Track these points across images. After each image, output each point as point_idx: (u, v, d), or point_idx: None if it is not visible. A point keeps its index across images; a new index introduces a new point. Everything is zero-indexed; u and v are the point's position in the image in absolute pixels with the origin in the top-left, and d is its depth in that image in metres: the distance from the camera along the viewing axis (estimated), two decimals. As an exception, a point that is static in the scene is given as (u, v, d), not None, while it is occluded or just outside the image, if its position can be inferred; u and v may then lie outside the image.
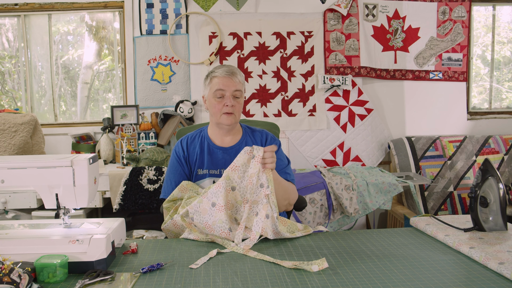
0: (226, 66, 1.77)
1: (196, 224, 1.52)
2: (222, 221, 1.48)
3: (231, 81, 1.73)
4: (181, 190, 1.67)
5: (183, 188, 1.68)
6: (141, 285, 1.15)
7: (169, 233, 1.65)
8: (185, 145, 1.83)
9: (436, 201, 3.40)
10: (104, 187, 2.88)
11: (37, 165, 1.35)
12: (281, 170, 1.78)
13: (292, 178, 1.82)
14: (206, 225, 1.50)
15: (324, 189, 2.94)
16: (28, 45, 3.61)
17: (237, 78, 1.75)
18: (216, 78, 1.75)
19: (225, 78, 1.73)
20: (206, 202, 1.51)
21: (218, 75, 1.74)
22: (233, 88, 1.73)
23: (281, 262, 1.27)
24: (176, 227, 1.61)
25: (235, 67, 1.79)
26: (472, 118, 3.78)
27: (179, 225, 1.59)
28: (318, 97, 3.58)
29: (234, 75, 1.74)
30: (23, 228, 1.41)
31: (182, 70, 3.54)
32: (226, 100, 1.72)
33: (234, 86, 1.73)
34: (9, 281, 1.04)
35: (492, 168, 1.47)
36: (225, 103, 1.72)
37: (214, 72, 1.76)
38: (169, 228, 1.63)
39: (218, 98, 1.74)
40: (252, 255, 1.35)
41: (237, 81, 1.74)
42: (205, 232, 1.51)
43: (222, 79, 1.73)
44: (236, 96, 1.75)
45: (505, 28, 3.95)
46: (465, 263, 1.25)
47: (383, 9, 3.62)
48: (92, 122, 3.64)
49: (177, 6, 3.50)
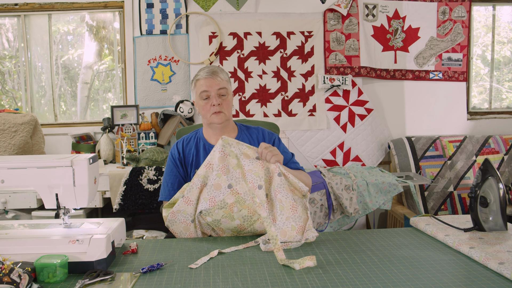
0: (207, 67, 1.80)
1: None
2: (186, 212, 1.59)
3: (213, 81, 1.75)
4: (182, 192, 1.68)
5: (183, 190, 1.68)
6: (141, 285, 1.15)
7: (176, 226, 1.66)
8: (181, 148, 1.85)
9: (436, 201, 3.40)
10: (104, 187, 2.88)
11: (37, 165, 1.35)
12: (290, 161, 1.80)
13: (300, 166, 1.84)
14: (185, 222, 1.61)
15: (324, 189, 2.94)
16: (28, 45, 3.61)
17: (219, 76, 1.77)
18: (199, 81, 1.78)
19: (207, 79, 1.75)
20: (183, 200, 1.59)
21: (200, 77, 1.77)
22: (216, 87, 1.75)
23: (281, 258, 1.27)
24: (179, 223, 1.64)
25: (216, 67, 1.82)
26: (472, 118, 3.78)
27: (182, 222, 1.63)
28: (318, 97, 3.58)
29: (216, 74, 1.76)
30: (23, 228, 1.41)
31: (182, 70, 3.54)
32: (212, 100, 1.75)
33: (218, 85, 1.76)
34: (9, 281, 1.04)
35: (492, 168, 1.47)
36: (211, 103, 1.75)
37: (197, 75, 1.80)
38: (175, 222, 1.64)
39: (204, 100, 1.76)
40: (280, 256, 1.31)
41: (219, 80, 1.76)
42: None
43: (205, 80, 1.76)
44: (222, 94, 1.77)
45: (505, 28, 3.95)
46: (465, 263, 1.25)
47: (383, 9, 3.62)
48: (92, 122, 3.64)
49: (177, 6, 3.50)
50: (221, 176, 1.55)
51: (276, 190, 1.52)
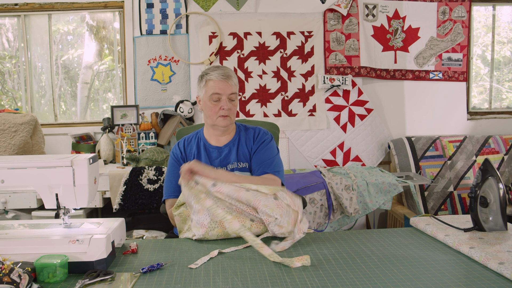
0: (221, 69, 1.77)
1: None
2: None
3: (227, 84, 1.74)
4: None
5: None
6: (141, 285, 1.15)
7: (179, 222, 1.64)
8: (182, 147, 1.86)
9: (436, 201, 3.40)
10: (104, 187, 2.88)
11: (37, 165, 1.35)
12: (262, 163, 1.76)
13: (274, 170, 1.76)
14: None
15: (324, 189, 2.94)
16: (28, 45, 3.61)
17: (232, 81, 1.75)
18: (211, 82, 1.75)
19: (221, 82, 1.73)
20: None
21: (213, 78, 1.74)
22: (229, 92, 1.74)
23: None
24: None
25: (229, 69, 1.79)
26: (472, 118, 3.78)
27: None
28: (318, 97, 3.58)
29: (230, 78, 1.75)
30: (23, 228, 1.41)
31: (182, 70, 3.54)
32: (222, 103, 1.74)
33: (230, 89, 1.74)
34: (9, 281, 1.04)
35: (492, 168, 1.47)
36: (221, 106, 1.74)
37: (209, 75, 1.76)
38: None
39: (214, 102, 1.75)
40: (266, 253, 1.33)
41: (232, 84, 1.75)
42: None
43: (218, 82, 1.73)
44: (232, 99, 1.76)
45: (505, 28, 3.95)
46: (465, 263, 1.25)
47: (383, 9, 3.62)
48: (92, 122, 3.64)
49: (177, 6, 3.50)
50: (203, 201, 1.50)
51: (256, 201, 1.47)
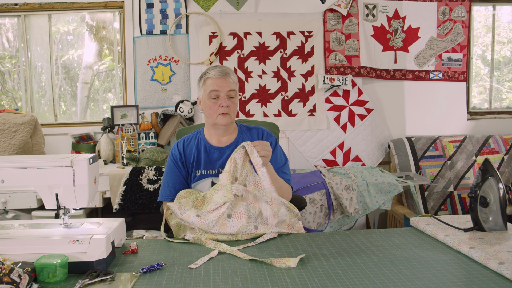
0: (219, 67, 1.77)
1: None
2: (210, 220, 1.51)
3: (225, 81, 1.73)
4: (179, 198, 1.66)
5: (180, 197, 1.66)
6: (141, 285, 1.15)
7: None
8: (182, 148, 1.83)
9: (436, 201, 3.40)
10: (104, 187, 2.88)
11: (37, 165, 1.35)
12: (278, 169, 1.77)
13: (288, 178, 1.80)
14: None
15: (324, 189, 2.94)
16: (28, 45, 3.61)
17: (230, 78, 1.75)
18: (210, 79, 1.75)
19: (219, 79, 1.73)
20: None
21: (211, 76, 1.74)
22: (227, 89, 1.74)
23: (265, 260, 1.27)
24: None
25: (228, 67, 1.79)
26: (472, 118, 3.78)
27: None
28: (318, 97, 3.58)
29: (228, 75, 1.74)
30: (23, 228, 1.41)
31: (182, 70, 3.54)
32: (221, 100, 1.73)
33: (228, 86, 1.74)
34: (9, 281, 1.04)
35: (492, 168, 1.47)
36: (220, 103, 1.73)
37: (208, 74, 1.76)
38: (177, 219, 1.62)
39: (213, 99, 1.74)
40: (241, 255, 1.34)
41: (231, 81, 1.75)
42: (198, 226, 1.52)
43: (216, 80, 1.73)
44: (231, 96, 1.75)
45: (505, 28, 3.95)
46: (465, 263, 1.25)
47: (383, 9, 3.62)
48: (92, 122, 3.64)
49: (177, 6, 3.50)
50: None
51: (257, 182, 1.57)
